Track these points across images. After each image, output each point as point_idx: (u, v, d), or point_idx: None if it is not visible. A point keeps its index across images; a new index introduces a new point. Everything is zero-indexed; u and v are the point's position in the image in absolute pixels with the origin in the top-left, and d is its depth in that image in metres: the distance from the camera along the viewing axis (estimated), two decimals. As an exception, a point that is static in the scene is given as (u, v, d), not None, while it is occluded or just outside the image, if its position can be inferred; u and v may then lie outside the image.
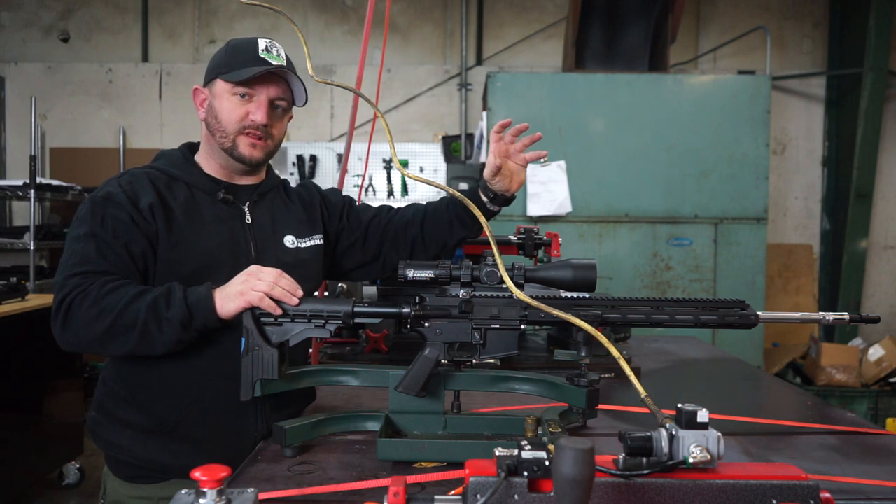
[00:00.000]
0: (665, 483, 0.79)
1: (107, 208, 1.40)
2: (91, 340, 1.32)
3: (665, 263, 4.16)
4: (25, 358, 3.33)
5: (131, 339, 1.30)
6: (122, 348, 1.32)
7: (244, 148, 1.50)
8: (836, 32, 6.16)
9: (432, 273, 1.25)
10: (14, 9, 6.25)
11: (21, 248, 4.78)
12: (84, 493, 3.67)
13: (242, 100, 1.49)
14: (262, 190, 1.60)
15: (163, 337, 1.30)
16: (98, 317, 1.29)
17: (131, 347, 1.32)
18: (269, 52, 1.49)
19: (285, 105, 1.55)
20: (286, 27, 6.11)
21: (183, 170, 1.53)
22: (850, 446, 1.36)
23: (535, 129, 1.65)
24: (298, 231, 1.62)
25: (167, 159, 1.56)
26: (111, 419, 1.48)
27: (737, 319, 1.24)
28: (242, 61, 1.47)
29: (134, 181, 1.46)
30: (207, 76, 1.53)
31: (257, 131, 1.50)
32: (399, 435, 1.28)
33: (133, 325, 1.29)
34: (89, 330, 1.30)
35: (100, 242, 1.37)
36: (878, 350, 4.83)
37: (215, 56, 1.54)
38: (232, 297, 1.30)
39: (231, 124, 1.49)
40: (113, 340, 1.31)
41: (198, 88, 1.55)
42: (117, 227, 1.39)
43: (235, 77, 1.46)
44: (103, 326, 1.29)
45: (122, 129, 6.10)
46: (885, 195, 6.15)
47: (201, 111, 1.55)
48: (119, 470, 1.49)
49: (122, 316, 1.29)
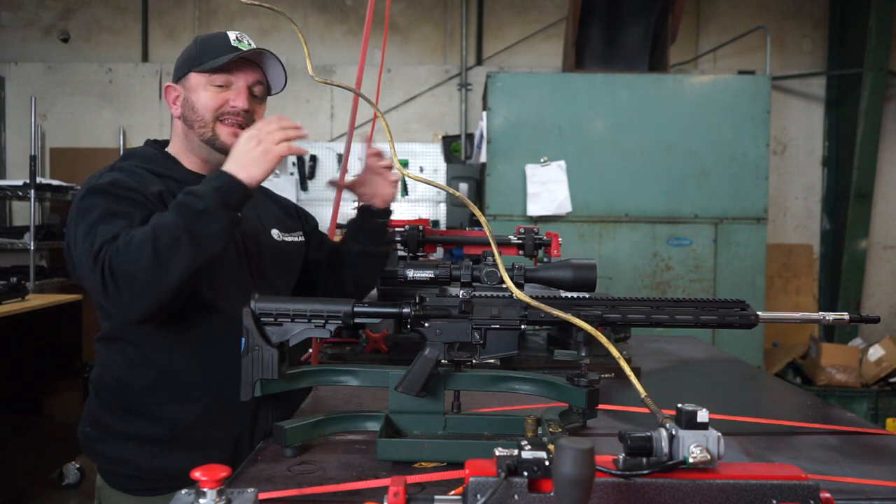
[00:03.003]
0: (665, 483, 0.79)
1: (118, 192, 1.35)
2: (147, 281, 1.21)
3: (665, 263, 4.16)
4: (25, 358, 3.34)
5: (184, 251, 1.22)
6: (181, 265, 1.22)
7: (225, 136, 1.47)
8: (836, 32, 6.15)
9: (432, 273, 1.25)
10: (14, 9, 6.25)
11: (21, 248, 4.78)
12: (84, 493, 3.67)
13: (220, 90, 1.47)
14: None
15: (210, 228, 1.24)
16: (138, 253, 1.21)
17: (189, 259, 1.22)
18: (240, 41, 1.48)
19: (262, 90, 1.53)
20: (286, 27, 6.12)
21: (164, 166, 1.50)
22: (850, 446, 1.36)
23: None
24: (282, 225, 1.65)
25: (142, 157, 1.51)
26: (108, 432, 1.44)
27: (737, 319, 1.24)
28: (215, 52, 1.45)
29: (131, 173, 1.42)
30: (178, 72, 1.51)
31: (238, 118, 1.47)
32: (399, 435, 1.28)
33: (177, 238, 1.22)
34: (138, 271, 1.20)
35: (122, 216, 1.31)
36: (878, 350, 4.83)
37: (184, 52, 1.52)
38: (257, 161, 1.27)
39: (208, 112, 1.46)
40: (167, 264, 1.21)
41: (170, 86, 1.52)
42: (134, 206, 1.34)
43: (211, 65, 1.44)
44: (147, 259, 1.20)
45: (122, 129, 6.10)
46: (885, 195, 6.15)
47: (175, 108, 1.51)
48: (119, 483, 1.45)
49: (160, 237, 1.21)
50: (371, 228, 1.70)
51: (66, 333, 3.64)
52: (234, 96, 1.47)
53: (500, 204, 4.09)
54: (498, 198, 4.09)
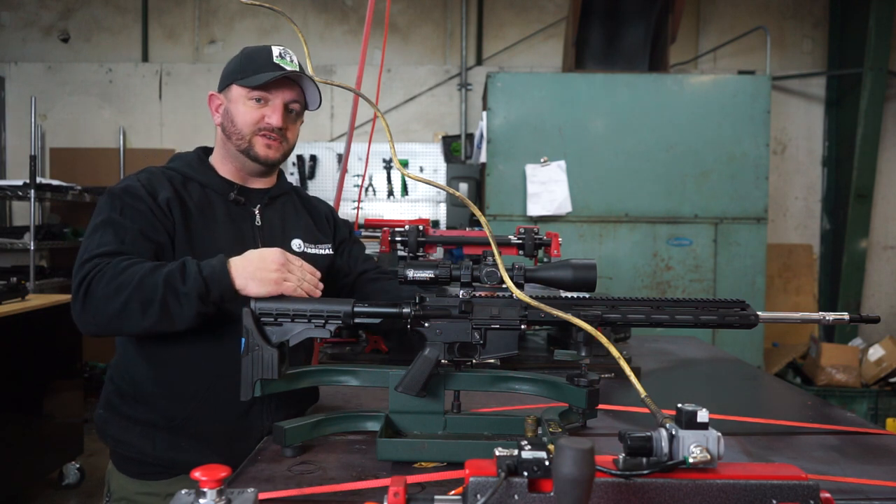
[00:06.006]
0: (665, 483, 0.79)
1: (125, 199, 1.44)
2: (111, 318, 1.30)
3: (665, 263, 4.16)
4: (25, 358, 3.34)
5: (151, 316, 1.29)
6: (141, 324, 1.30)
7: (260, 148, 1.55)
8: (836, 32, 6.15)
9: (432, 273, 1.25)
10: (14, 9, 6.25)
11: (21, 248, 4.78)
12: (84, 493, 3.67)
13: (258, 104, 1.54)
14: (274, 194, 1.65)
15: (183, 311, 1.29)
16: (115, 293, 1.28)
17: (152, 324, 1.30)
18: (282, 58, 1.55)
19: (298, 109, 1.61)
20: (286, 27, 6.11)
21: (198, 171, 1.57)
22: (850, 446, 1.36)
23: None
24: (307, 236, 1.65)
25: (182, 160, 1.60)
26: (119, 416, 1.50)
27: (737, 319, 1.24)
28: (257, 67, 1.52)
29: (152, 178, 1.51)
30: (223, 82, 1.59)
31: (273, 133, 1.55)
32: (399, 435, 1.28)
33: (151, 301, 1.28)
34: (107, 307, 1.29)
35: (117, 227, 1.40)
36: (878, 350, 4.83)
37: (230, 63, 1.59)
38: (264, 283, 1.29)
39: (247, 126, 1.54)
40: (131, 317, 1.29)
41: (213, 94, 1.60)
42: (135, 215, 1.42)
43: (252, 82, 1.51)
44: (120, 302, 1.28)
45: (122, 129, 6.10)
46: (885, 195, 6.15)
47: (217, 116, 1.60)
48: (126, 467, 1.50)
49: (139, 291, 1.28)
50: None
51: (66, 333, 3.63)
52: (271, 113, 1.54)
53: (500, 204, 4.09)
54: (498, 198, 4.09)
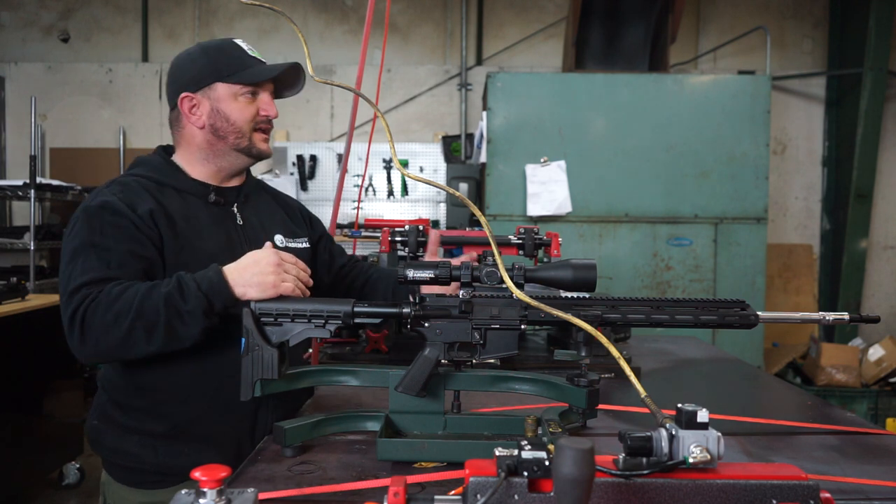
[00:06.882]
0: (665, 483, 0.79)
1: (104, 217, 1.38)
2: (114, 347, 1.28)
3: (665, 263, 4.16)
4: (25, 358, 3.34)
5: (157, 340, 1.28)
6: (147, 350, 1.29)
7: (260, 143, 1.57)
8: (836, 32, 6.15)
9: (432, 273, 1.25)
10: (14, 9, 6.25)
11: (21, 248, 4.78)
12: (84, 493, 3.67)
13: (250, 99, 1.54)
14: (247, 191, 1.64)
15: (189, 330, 1.29)
16: (115, 321, 1.26)
17: (159, 347, 1.29)
18: (252, 50, 1.57)
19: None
20: (286, 27, 6.12)
21: (170, 175, 1.53)
22: (850, 446, 1.36)
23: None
24: (285, 231, 1.66)
25: (149, 166, 1.54)
26: (115, 426, 1.46)
27: (737, 319, 1.24)
28: (239, 63, 1.52)
29: (126, 189, 1.44)
30: (201, 82, 1.51)
31: (268, 125, 1.57)
32: (399, 435, 1.28)
33: (155, 324, 1.27)
34: (109, 336, 1.27)
35: (100, 251, 1.35)
36: (878, 350, 4.83)
37: (195, 62, 1.52)
38: (262, 287, 1.28)
39: (246, 123, 1.53)
40: (136, 344, 1.28)
41: (187, 95, 1.51)
42: (118, 233, 1.37)
43: (248, 78, 1.51)
44: (123, 330, 1.26)
45: (122, 129, 6.10)
46: (885, 195, 6.15)
47: (194, 118, 1.52)
48: (125, 477, 1.47)
49: (141, 317, 1.26)
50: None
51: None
52: (266, 106, 1.56)
53: (500, 204, 4.09)
54: (498, 198, 4.09)
